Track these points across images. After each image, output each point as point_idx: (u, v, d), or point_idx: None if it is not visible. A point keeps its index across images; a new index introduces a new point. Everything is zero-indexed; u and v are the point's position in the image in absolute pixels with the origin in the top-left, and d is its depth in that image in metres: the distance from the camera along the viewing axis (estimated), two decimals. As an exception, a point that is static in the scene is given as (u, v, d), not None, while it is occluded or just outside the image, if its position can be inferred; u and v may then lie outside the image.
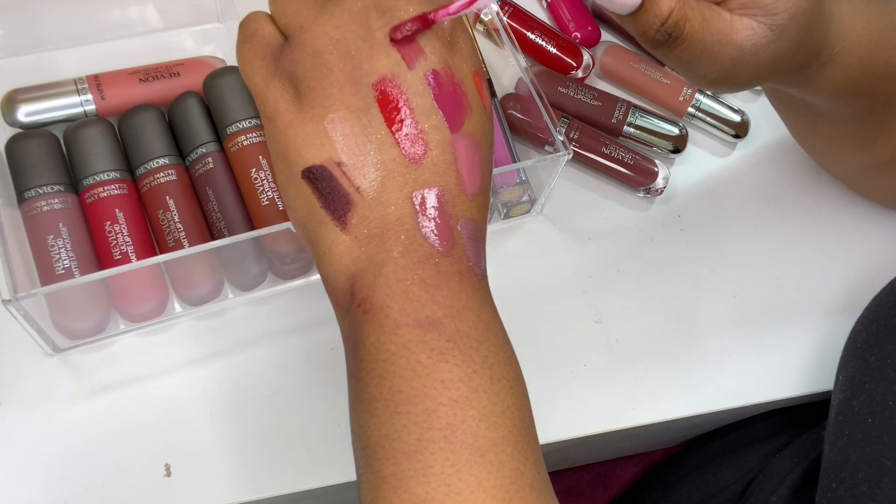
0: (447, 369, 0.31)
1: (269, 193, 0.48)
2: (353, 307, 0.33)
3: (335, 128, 0.33)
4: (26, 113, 0.50)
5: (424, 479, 0.30)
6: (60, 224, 0.47)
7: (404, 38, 0.33)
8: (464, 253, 0.33)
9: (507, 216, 0.54)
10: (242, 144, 0.49)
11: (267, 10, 0.35)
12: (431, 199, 0.33)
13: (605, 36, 0.63)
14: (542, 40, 0.59)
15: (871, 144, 0.49)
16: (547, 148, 0.56)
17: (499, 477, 0.30)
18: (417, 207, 0.33)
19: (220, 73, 0.51)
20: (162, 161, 0.49)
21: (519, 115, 0.56)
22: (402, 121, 0.33)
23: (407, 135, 0.33)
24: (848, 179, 0.57)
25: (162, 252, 0.48)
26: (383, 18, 0.33)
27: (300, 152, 0.33)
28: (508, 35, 0.53)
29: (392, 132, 0.33)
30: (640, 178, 0.56)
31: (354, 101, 0.33)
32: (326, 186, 0.33)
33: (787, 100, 0.48)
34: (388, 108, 0.33)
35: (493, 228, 0.55)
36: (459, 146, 0.33)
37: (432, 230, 0.33)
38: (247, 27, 0.35)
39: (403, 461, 0.30)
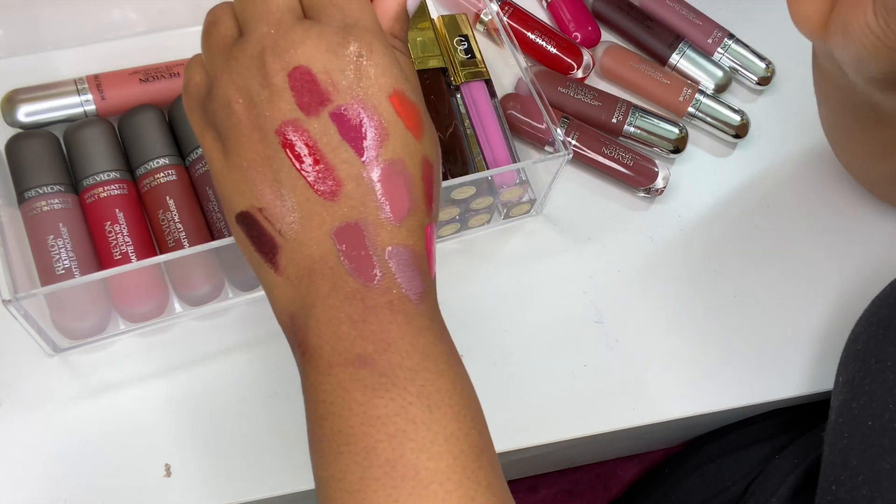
0: (382, 404, 0.31)
1: (269, 194, 0.48)
2: (296, 347, 0.33)
3: (250, 175, 0.33)
4: (26, 113, 0.50)
5: None
6: (60, 224, 0.47)
7: (306, 81, 0.33)
8: (393, 282, 0.33)
9: (507, 216, 0.54)
10: (242, 144, 0.49)
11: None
12: (351, 234, 0.32)
13: (605, 36, 0.62)
14: (542, 40, 0.59)
15: None
16: (547, 148, 0.56)
17: None
18: (338, 244, 0.32)
19: (220, 73, 0.51)
20: (162, 161, 0.49)
21: (519, 115, 0.56)
22: (309, 161, 0.32)
23: (317, 174, 0.32)
24: (875, 183, 0.56)
25: (162, 252, 0.48)
26: (279, 60, 0.33)
27: (231, 199, 0.34)
28: (508, 35, 0.53)
29: (301, 174, 0.32)
30: (640, 178, 0.56)
31: (262, 147, 0.33)
32: (254, 231, 0.33)
33: (857, 102, 0.46)
34: (294, 151, 0.32)
35: (493, 228, 0.55)
36: (377, 175, 0.33)
37: (355, 266, 0.32)
38: (185, 75, 0.36)
39: (350, 501, 0.30)
